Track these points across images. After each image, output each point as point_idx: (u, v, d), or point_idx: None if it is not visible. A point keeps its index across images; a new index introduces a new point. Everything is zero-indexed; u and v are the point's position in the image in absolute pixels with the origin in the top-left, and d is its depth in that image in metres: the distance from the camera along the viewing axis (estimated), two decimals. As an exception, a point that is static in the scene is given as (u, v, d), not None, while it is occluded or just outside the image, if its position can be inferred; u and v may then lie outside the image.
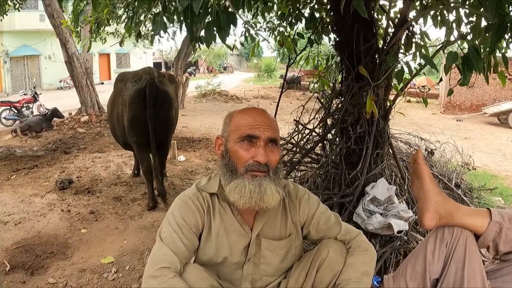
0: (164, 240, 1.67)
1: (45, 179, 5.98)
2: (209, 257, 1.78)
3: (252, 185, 1.64)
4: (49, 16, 10.80)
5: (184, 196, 1.80)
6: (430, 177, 1.95)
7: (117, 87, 4.85)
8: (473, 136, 11.63)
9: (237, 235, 1.79)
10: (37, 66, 26.15)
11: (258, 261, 1.82)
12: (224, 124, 1.82)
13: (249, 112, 1.78)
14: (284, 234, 1.87)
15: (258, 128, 1.69)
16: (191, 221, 1.72)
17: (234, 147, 1.71)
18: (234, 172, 1.70)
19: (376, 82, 2.82)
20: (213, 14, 1.97)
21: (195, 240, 1.74)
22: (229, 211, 1.80)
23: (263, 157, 1.66)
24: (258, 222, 1.81)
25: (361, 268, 1.72)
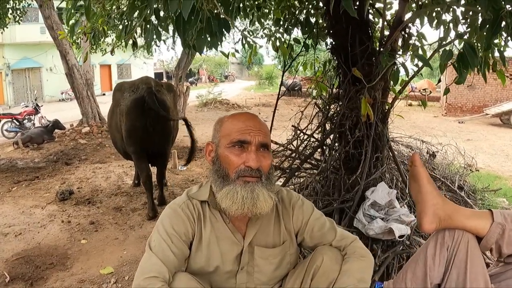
0: (153, 249, 1.64)
1: (46, 191, 5.98)
2: (200, 266, 1.74)
3: (244, 191, 1.61)
4: (49, 28, 10.88)
5: (174, 204, 1.77)
6: (428, 179, 1.92)
7: (115, 97, 4.85)
8: (475, 138, 11.59)
9: (229, 243, 1.75)
10: (39, 78, 26.29)
11: (252, 270, 1.78)
12: (214, 130, 1.80)
13: (239, 117, 1.75)
14: (277, 242, 1.82)
15: (249, 133, 1.66)
16: (181, 229, 1.69)
17: (225, 152, 1.67)
18: (225, 178, 1.66)
19: (370, 83, 2.78)
20: (204, 20, 1.94)
21: (185, 249, 1.70)
22: (220, 218, 1.76)
23: (255, 162, 1.63)
24: (251, 230, 1.77)
25: (357, 275, 1.68)
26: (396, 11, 3.56)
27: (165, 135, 4.66)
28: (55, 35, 10.81)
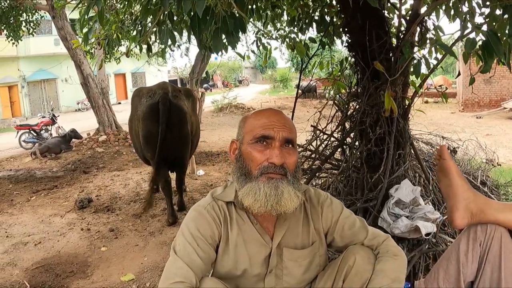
0: (178, 253, 1.58)
1: (65, 199, 6.02)
2: (228, 270, 1.68)
3: (267, 187, 1.55)
4: (63, 39, 11.00)
5: (199, 207, 1.71)
6: (458, 172, 1.85)
7: (134, 102, 4.87)
8: (494, 132, 11.42)
9: (257, 245, 1.69)
10: (54, 89, 26.67)
11: (281, 273, 1.72)
12: (239, 127, 1.74)
13: (264, 113, 1.69)
14: (306, 243, 1.76)
15: (273, 128, 1.60)
16: (207, 232, 1.64)
17: (248, 149, 1.62)
18: (248, 175, 1.60)
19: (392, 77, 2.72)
20: (219, 20, 1.91)
21: (211, 252, 1.64)
22: (247, 220, 1.70)
23: (279, 158, 1.56)
24: (279, 231, 1.71)
25: (391, 275, 1.61)
26: (411, 5, 3.50)
27: (183, 140, 4.63)
28: (69, 45, 10.92)
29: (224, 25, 1.90)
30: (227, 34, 1.92)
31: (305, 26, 4.25)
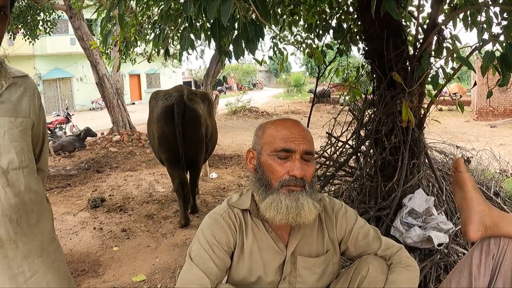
0: (194, 260, 1.60)
1: (78, 198, 6.06)
2: (243, 277, 1.70)
3: (288, 200, 1.56)
4: (79, 39, 11.09)
5: (215, 214, 1.72)
6: (474, 185, 1.85)
7: (151, 105, 4.92)
8: (508, 142, 11.30)
9: (271, 253, 1.70)
10: (69, 88, 26.91)
11: (294, 280, 1.73)
12: (256, 136, 1.73)
13: (283, 124, 1.68)
14: (321, 251, 1.77)
15: (294, 141, 1.60)
16: (222, 239, 1.65)
17: (268, 161, 1.62)
18: (268, 187, 1.61)
19: (410, 88, 2.72)
20: (240, 26, 1.93)
21: (227, 259, 1.66)
22: (262, 227, 1.71)
23: (299, 172, 1.57)
24: (293, 239, 1.72)
25: (404, 285, 1.62)
26: (429, 13, 3.50)
27: (197, 143, 4.66)
28: (85, 45, 11.01)
29: (244, 31, 1.92)
30: (247, 41, 1.94)
31: (322, 33, 4.27)
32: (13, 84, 1.59)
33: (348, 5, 4.18)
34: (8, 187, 1.52)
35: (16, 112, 1.56)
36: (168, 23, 2.80)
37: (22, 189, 1.56)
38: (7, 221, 1.52)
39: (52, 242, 1.72)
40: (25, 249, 1.58)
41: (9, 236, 1.53)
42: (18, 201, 1.55)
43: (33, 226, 1.62)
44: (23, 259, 1.58)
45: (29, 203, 1.60)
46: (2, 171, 1.51)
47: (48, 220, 1.73)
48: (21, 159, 1.56)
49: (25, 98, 1.61)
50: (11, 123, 1.53)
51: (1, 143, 1.51)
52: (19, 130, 1.56)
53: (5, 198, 1.51)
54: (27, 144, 1.61)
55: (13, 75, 1.61)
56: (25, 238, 1.58)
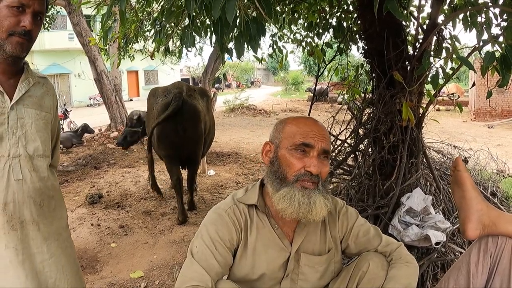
0: (195, 256, 1.61)
1: (76, 194, 6.06)
2: (245, 274, 1.71)
3: (301, 196, 1.58)
4: (78, 35, 11.06)
5: (219, 209, 1.72)
6: (472, 184, 1.87)
7: (150, 102, 4.92)
8: (506, 143, 11.33)
9: (276, 249, 1.72)
10: (67, 84, 26.87)
11: (296, 278, 1.74)
12: (276, 130, 1.74)
13: (304, 121, 1.71)
14: (323, 249, 1.79)
15: (313, 138, 1.63)
16: (226, 236, 1.65)
17: (286, 155, 1.64)
18: (283, 180, 1.62)
19: (410, 88, 2.74)
20: (242, 24, 1.94)
21: (229, 257, 1.66)
22: (268, 223, 1.72)
23: (316, 168, 1.60)
24: (298, 236, 1.74)
25: (404, 281, 1.64)
26: (429, 13, 3.51)
27: (196, 139, 4.67)
28: (84, 41, 10.99)
29: (246, 29, 1.93)
30: (249, 39, 1.95)
31: (322, 31, 4.28)
32: (37, 83, 1.77)
33: (348, 4, 4.20)
34: (34, 171, 1.68)
35: (41, 106, 1.74)
36: (170, 20, 2.81)
37: (45, 175, 1.72)
38: (32, 203, 1.67)
39: (66, 229, 1.88)
40: (45, 231, 1.72)
41: (32, 218, 1.67)
42: (42, 185, 1.70)
43: (52, 210, 1.76)
44: (43, 241, 1.71)
45: (51, 188, 1.75)
46: (29, 157, 1.67)
47: (63, 207, 1.89)
48: (44, 148, 1.73)
49: (47, 96, 1.79)
50: (37, 115, 1.70)
51: (29, 132, 1.68)
52: (43, 123, 1.73)
53: (31, 181, 1.66)
54: (48, 136, 1.78)
55: (37, 75, 1.80)
56: (45, 221, 1.72)
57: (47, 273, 1.72)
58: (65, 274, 1.79)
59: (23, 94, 1.68)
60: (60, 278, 1.76)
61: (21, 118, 1.66)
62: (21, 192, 1.64)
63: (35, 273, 1.68)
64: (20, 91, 1.68)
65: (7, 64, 1.66)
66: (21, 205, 1.64)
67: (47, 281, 1.72)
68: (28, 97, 1.70)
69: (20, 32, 1.60)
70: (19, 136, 1.65)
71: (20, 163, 1.64)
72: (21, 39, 1.61)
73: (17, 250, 1.64)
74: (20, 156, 1.64)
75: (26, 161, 1.66)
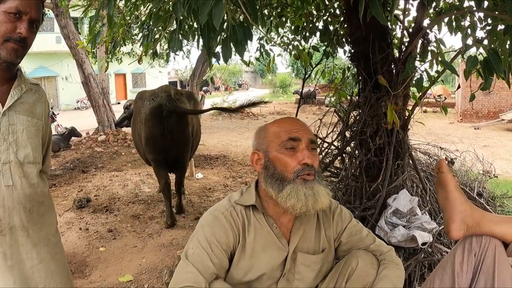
0: (189, 258, 1.61)
1: (63, 198, 6.01)
2: (243, 274, 1.72)
3: (305, 189, 1.61)
4: (65, 38, 10.98)
5: (216, 211, 1.73)
6: (456, 185, 1.90)
7: (137, 105, 4.90)
8: (492, 144, 11.46)
9: (275, 249, 1.74)
10: (54, 87, 26.65)
11: (292, 277, 1.77)
12: (258, 137, 1.77)
13: (285, 120, 1.77)
14: (317, 249, 1.82)
15: (298, 131, 1.67)
16: (223, 238, 1.66)
17: (278, 156, 1.67)
18: (283, 180, 1.65)
19: (395, 91, 2.78)
20: (229, 29, 1.96)
21: (224, 259, 1.67)
22: (265, 224, 1.74)
23: (310, 158, 1.64)
24: (295, 235, 1.77)
25: (394, 282, 1.69)
26: (414, 17, 3.55)
27: (184, 142, 4.67)
28: (71, 44, 10.91)
29: (233, 34, 1.94)
30: (236, 43, 1.97)
31: (308, 35, 4.31)
32: (29, 90, 1.79)
33: (335, 8, 4.23)
34: (24, 178, 1.69)
35: (33, 113, 1.75)
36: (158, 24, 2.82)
37: (35, 181, 1.74)
38: (21, 209, 1.68)
39: (56, 234, 1.88)
40: (34, 237, 1.72)
41: (22, 224, 1.68)
42: (32, 191, 1.71)
43: (41, 216, 1.77)
44: (32, 247, 1.72)
45: (40, 195, 1.77)
46: (19, 163, 1.68)
47: (53, 213, 1.90)
48: (35, 155, 1.74)
49: (39, 103, 1.81)
50: (28, 122, 1.71)
51: (20, 138, 1.69)
52: (35, 129, 1.74)
53: (21, 188, 1.67)
54: (39, 143, 1.79)
55: (30, 82, 1.82)
56: (35, 227, 1.73)
57: (37, 279, 1.73)
58: (55, 280, 1.79)
59: (15, 101, 1.69)
60: (50, 284, 1.77)
61: (12, 124, 1.67)
62: (11, 198, 1.65)
63: (24, 279, 1.69)
64: (13, 97, 1.69)
65: (1, 70, 1.69)
66: (10, 211, 1.65)
67: (37, 287, 1.73)
68: (20, 104, 1.71)
69: (15, 39, 1.62)
70: (10, 143, 1.66)
71: (10, 169, 1.65)
72: (16, 45, 1.64)
73: (6, 256, 1.65)
74: (10, 162, 1.66)
75: (16, 168, 1.67)
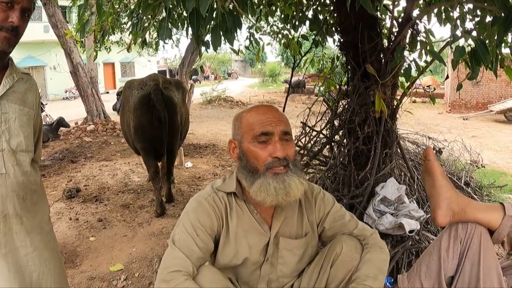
0: (176, 243, 1.65)
1: (53, 189, 5.99)
2: (229, 260, 1.76)
3: (276, 183, 1.63)
4: (53, 27, 10.86)
5: (200, 197, 1.78)
6: (442, 173, 1.93)
7: (125, 94, 4.87)
8: (480, 134, 11.57)
9: (256, 234, 1.78)
10: (42, 77, 26.37)
11: (276, 262, 1.81)
12: (234, 126, 1.80)
13: (258, 110, 1.77)
14: (300, 233, 1.85)
15: (270, 124, 1.68)
16: (207, 222, 1.70)
17: (250, 148, 1.69)
18: (254, 172, 1.68)
19: (383, 80, 2.80)
20: (218, 17, 1.96)
21: (210, 243, 1.71)
22: (246, 210, 1.78)
23: (281, 152, 1.65)
24: (276, 221, 1.80)
25: (378, 265, 1.72)
26: (404, 7, 3.56)
27: (173, 131, 4.66)
28: (59, 33, 10.80)
29: (222, 22, 1.95)
30: (225, 31, 1.97)
31: (298, 24, 4.30)
32: (20, 79, 1.80)
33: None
34: (17, 166, 1.70)
35: (24, 102, 1.76)
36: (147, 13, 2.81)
37: (28, 169, 1.74)
38: (15, 197, 1.68)
39: (48, 222, 1.89)
40: (28, 224, 1.74)
41: (16, 211, 1.69)
42: (25, 179, 1.72)
43: (34, 204, 1.78)
44: (26, 234, 1.73)
45: (33, 182, 1.77)
46: (12, 151, 1.69)
47: (45, 202, 1.90)
48: (27, 143, 1.74)
49: (30, 92, 1.82)
50: (20, 111, 1.72)
51: (12, 127, 1.69)
52: (26, 118, 1.75)
53: (14, 176, 1.68)
54: (31, 132, 1.80)
55: (21, 71, 1.84)
56: (28, 215, 1.74)
57: (31, 266, 1.74)
58: (48, 268, 1.81)
59: (7, 90, 1.70)
60: (44, 272, 1.79)
61: (5, 113, 1.68)
62: (5, 186, 1.65)
63: (18, 267, 1.70)
64: (5, 86, 1.70)
65: None
66: (4, 199, 1.65)
67: (31, 275, 1.74)
68: (12, 93, 1.72)
69: (7, 28, 1.63)
70: (2, 131, 1.66)
71: (3, 158, 1.66)
72: (9, 34, 1.65)
73: (0, 244, 1.66)
74: (3, 150, 1.66)
75: (9, 156, 1.67)
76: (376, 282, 1.65)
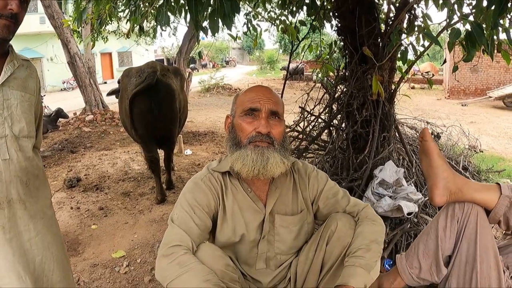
0: (175, 221, 1.71)
1: (53, 179, 6.00)
2: (228, 237, 1.81)
3: (254, 154, 1.69)
4: (49, 18, 10.79)
5: (196, 178, 1.84)
6: (439, 153, 1.95)
7: (123, 83, 4.85)
8: (478, 120, 11.58)
9: (251, 212, 1.82)
10: (40, 69, 26.20)
11: (272, 239, 1.85)
12: (232, 103, 1.88)
13: (252, 88, 1.86)
14: (295, 210, 1.90)
15: (259, 101, 1.75)
16: (203, 201, 1.76)
17: (238, 121, 1.77)
18: (238, 144, 1.75)
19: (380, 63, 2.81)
20: (216, 2, 1.97)
21: (207, 220, 1.76)
22: (241, 188, 1.83)
23: (264, 128, 1.71)
24: (271, 198, 1.85)
25: (370, 237, 1.74)
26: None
27: (171, 118, 4.66)
28: (56, 24, 10.73)
29: (221, 7, 1.96)
30: (223, 16, 1.99)
31: (295, 9, 4.30)
32: (21, 65, 1.82)
33: (321, -18, 4.22)
34: (20, 151, 1.72)
35: (25, 88, 1.78)
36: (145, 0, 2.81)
37: (30, 155, 1.77)
38: (18, 182, 1.71)
39: (50, 207, 1.92)
40: (31, 209, 1.76)
41: (19, 196, 1.71)
42: (28, 164, 1.75)
43: (37, 189, 1.80)
44: (29, 219, 1.76)
45: (35, 168, 1.80)
46: (15, 137, 1.71)
47: (47, 187, 1.92)
48: (29, 129, 1.77)
49: (31, 79, 1.84)
50: (22, 97, 1.74)
51: (14, 113, 1.71)
52: (28, 104, 1.77)
53: (17, 161, 1.71)
54: (33, 118, 1.82)
55: (21, 58, 1.85)
56: (31, 200, 1.77)
57: (34, 251, 1.77)
58: (51, 252, 1.84)
59: (8, 76, 1.72)
60: (46, 256, 1.82)
61: (7, 99, 1.70)
62: (8, 172, 1.68)
63: (22, 251, 1.73)
64: (6, 73, 1.72)
65: None
66: (8, 184, 1.68)
67: (35, 259, 1.77)
68: (13, 79, 1.74)
69: (7, 15, 1.64)
70: (5, 117, 1.68)
71: (6, 143, 1.68)
72: (8, 22, 1.66)
73: (5, 229, 1.68)
74: (6, 136, 1.68)
75: (12, 141, 1.70)
76: (369, 253, 1.68)
